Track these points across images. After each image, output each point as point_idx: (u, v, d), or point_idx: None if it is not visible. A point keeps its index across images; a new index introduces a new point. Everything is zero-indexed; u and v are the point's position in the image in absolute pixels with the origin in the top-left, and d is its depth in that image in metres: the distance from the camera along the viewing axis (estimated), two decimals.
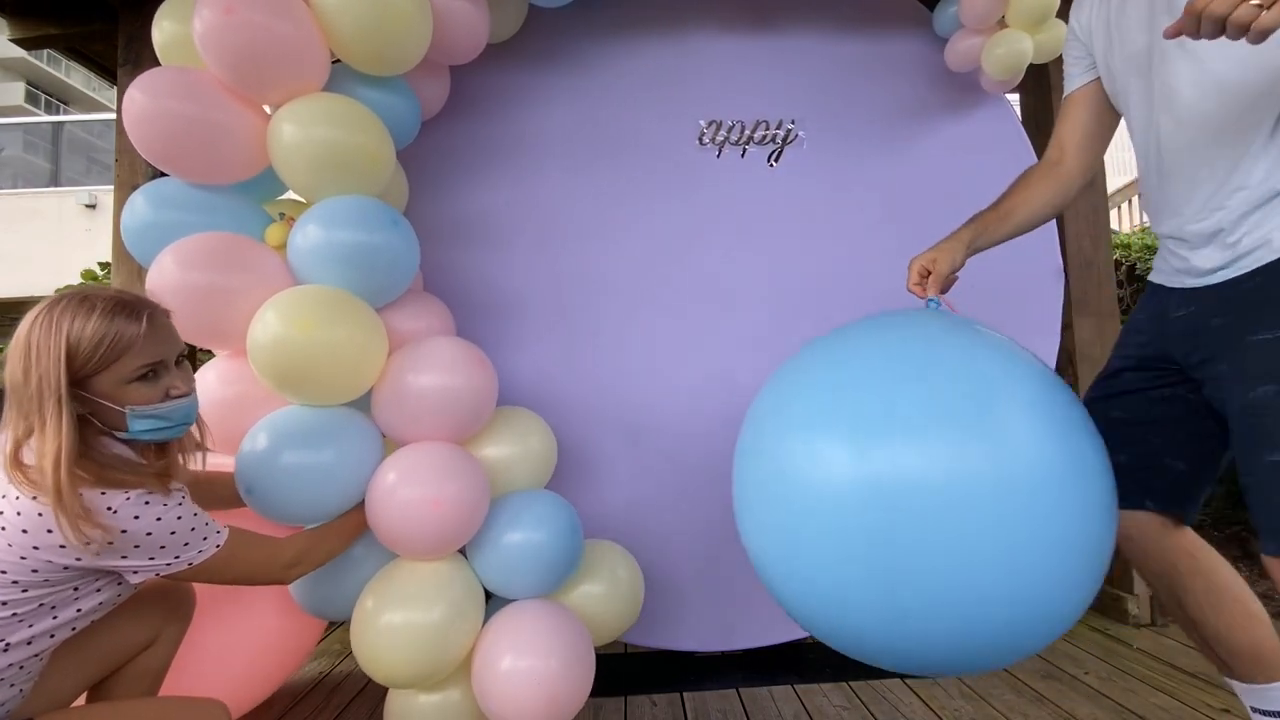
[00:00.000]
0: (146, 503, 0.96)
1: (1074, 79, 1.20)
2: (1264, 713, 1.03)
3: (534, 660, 1.32)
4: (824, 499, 0.92)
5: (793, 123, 2.04)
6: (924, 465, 0.87)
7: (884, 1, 2.07)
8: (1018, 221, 1.23)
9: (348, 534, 1.35)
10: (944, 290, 1.20)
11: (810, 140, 2.05)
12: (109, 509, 0.93)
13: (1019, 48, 1.83)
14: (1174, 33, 0.79)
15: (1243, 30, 0.72)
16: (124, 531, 0.94)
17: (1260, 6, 0.71)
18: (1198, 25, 0.75)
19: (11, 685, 0.96)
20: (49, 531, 0.90)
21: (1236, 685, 1.08)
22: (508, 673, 1.32)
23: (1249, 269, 0.95)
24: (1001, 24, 1.87)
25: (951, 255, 1.19)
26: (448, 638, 1.34)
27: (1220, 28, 0.74)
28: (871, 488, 0.88)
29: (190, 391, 1.08)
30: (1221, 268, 0.98)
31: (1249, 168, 0.94)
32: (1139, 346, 1.15)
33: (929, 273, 1.19)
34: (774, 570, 1.04)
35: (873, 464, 0.89)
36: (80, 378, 0.96)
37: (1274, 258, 0.92)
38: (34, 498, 0.91)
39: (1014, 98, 2.39)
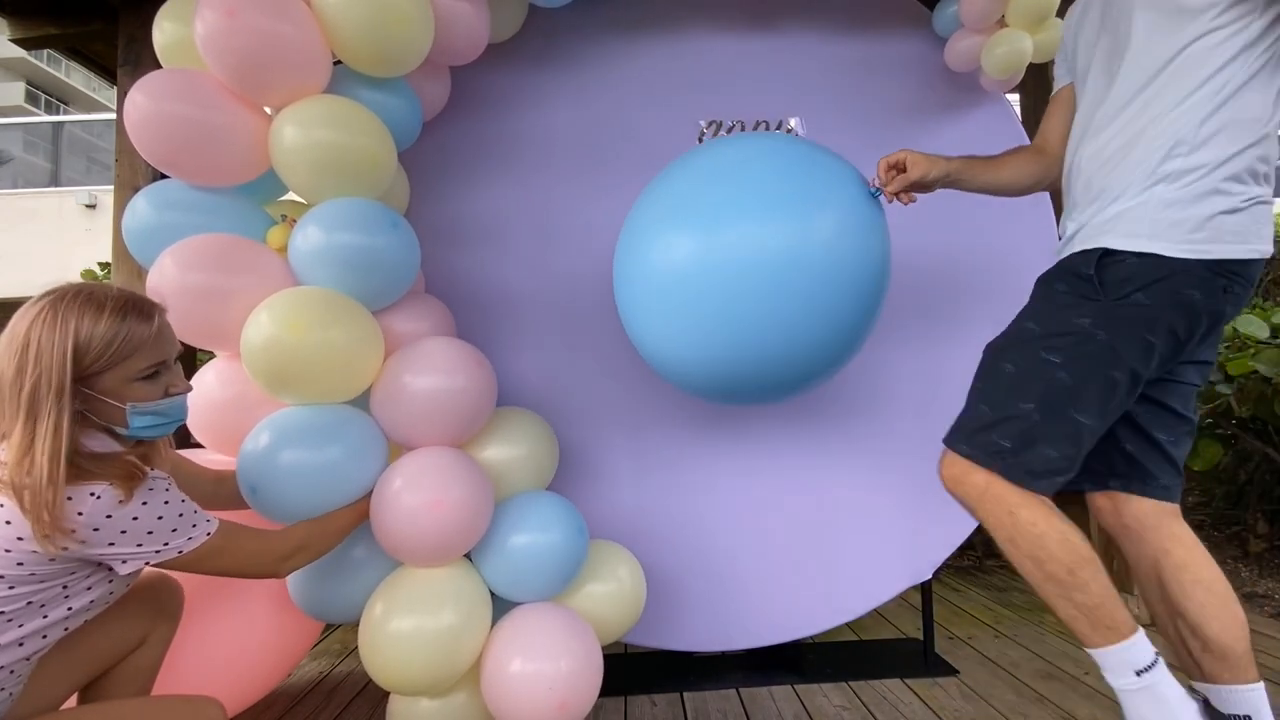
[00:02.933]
0: (121, 499, 0.94)
1: (1058, 79, 1.32)
2: (1224, 716, 1.06)
3: (544, 663, 1.32)
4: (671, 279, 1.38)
5: (793, 123, 2.04)
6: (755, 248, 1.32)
7: (884, 1, 2.07)
8: (1002, 178, 1.35)
9: (344, 528, 1.34)
10: (904, 196, 1.36)
11: (810, 140, 2.05)
12: (78, 513, 0.91)
13: (1019, 47, 1.83)
14: None
15: None
16: (96, 530, 0.93)
17: None
18: None
19: (0, 689, 0.95)
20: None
21: (1200, 687, 1.11)
22: (518, 676, 1.32)
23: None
24: (1001, 23, 1.87)
25: (927, 166, 1.31)
26: (458, 644, 1.34)
27: None
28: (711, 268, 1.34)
29: (188, 389, 1.09)
30: None
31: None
32: None
33: (901, 170, 1.33)
34: (644, 336, 1.52)
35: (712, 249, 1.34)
36: (86, 375, 0.96)
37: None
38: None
39: (1014, 98, 2.39)
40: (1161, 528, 1.15)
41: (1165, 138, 1.00)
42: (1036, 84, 2.26)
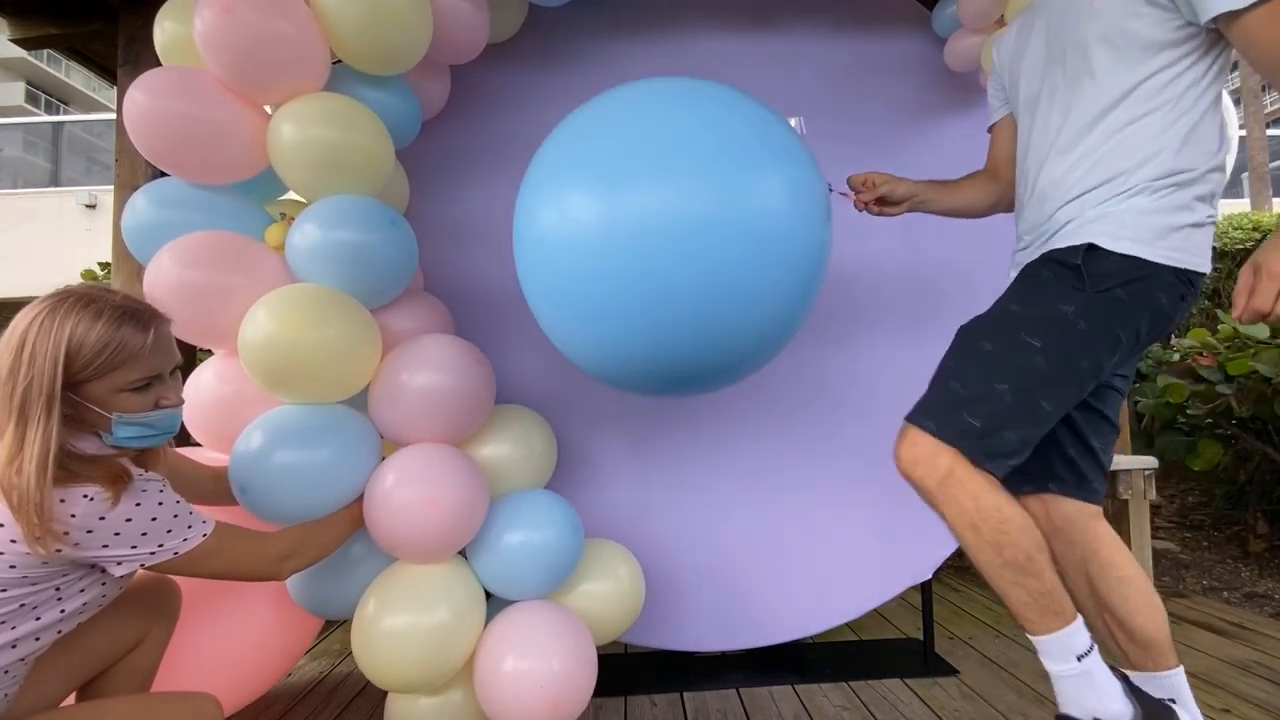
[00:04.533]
0: (115, 500, 0.94)
1: (995, 111, 1.39)
2: (1151, 699, 1.11)
3: (536, 661, 1.32)
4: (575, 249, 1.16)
5: (792, 123, 2.03)
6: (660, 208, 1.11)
7: (883, 1, 2.07)
8: (962, 202, 1.43)
9: (342, 529, 1.33)
10: (873, 205, 1.44)
11: (809, 140, 2.04)
12: (71, 515, 0.91)
13: None
14: (1244, 319, 0.96)
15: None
16: (89, 532, 0.92)
17: None
18: (1260, 319, 0.93)
19: None
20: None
21: (1130, 675, 1.15)
22: (511, 674, 1.32)
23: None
24: (1000, 23, 1.87)
25: (895, 185, 1.41)
26: (451, 641, 1.34)
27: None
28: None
29: (180, 402, 1.08)
30: None
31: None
32: None
33: (871, 185, 1.42)
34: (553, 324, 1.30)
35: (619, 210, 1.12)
36: (75, 382, 0.95)
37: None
38: None
39: None
40: (1089, 529, 1.20)
41: (1142, 153, 1.05)
42: None
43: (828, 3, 2.06)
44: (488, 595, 1.47)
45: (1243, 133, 8.58)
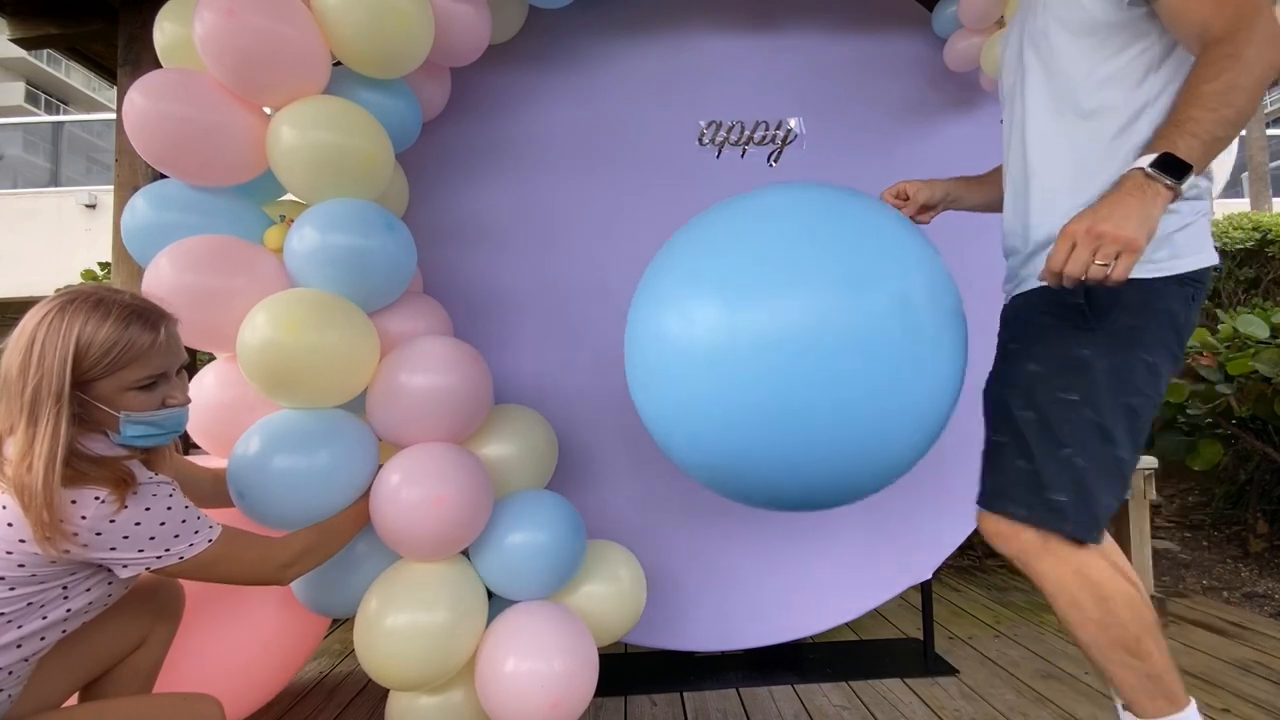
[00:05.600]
0: (125, 503, 0.94)
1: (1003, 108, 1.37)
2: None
3: (537, 662, 1.32)
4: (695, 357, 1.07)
5: (793, 122, 2.04)
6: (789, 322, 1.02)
7: (883, 1, 2.07)
8: (991, 196, 1.37)
9: (348, 532, 1.34)
10: (921, 216, 1.39)
11: (810, 140, 2.05)
12: (81, 516, 0.91)
13: None
14: (1046, 280, 0.92)
15: (1102, 282, 0.87)
16: (98, 534, 0.93)
17: (1105, 266, 0.85)
18: (1059, 280, 0.90)
19: (0, 690, 0.95)
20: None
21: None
22: (512, 675, 1.32)
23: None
24: (1000, 23, 1.87)
25: (931, 190, 1.37)
26: (452, 640, 1.34)
27: (1080, 282, 0.88)
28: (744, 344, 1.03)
29: (187, 401, 1.09)
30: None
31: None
32: None
33: (906, 196, 1.37)
34: (668, 434, 1.19)
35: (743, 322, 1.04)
36: (83, 380, 0.95)
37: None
38: (4, 491, 0.90)
39: None
40: None
41: (1107, 159, 1.02)
42: None
43: (827, 2, 2.06)
44: (490, 595, 1.48)
45: (1243, 132, 8.58)
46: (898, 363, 1.03)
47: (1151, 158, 0.87)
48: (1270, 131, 9.24)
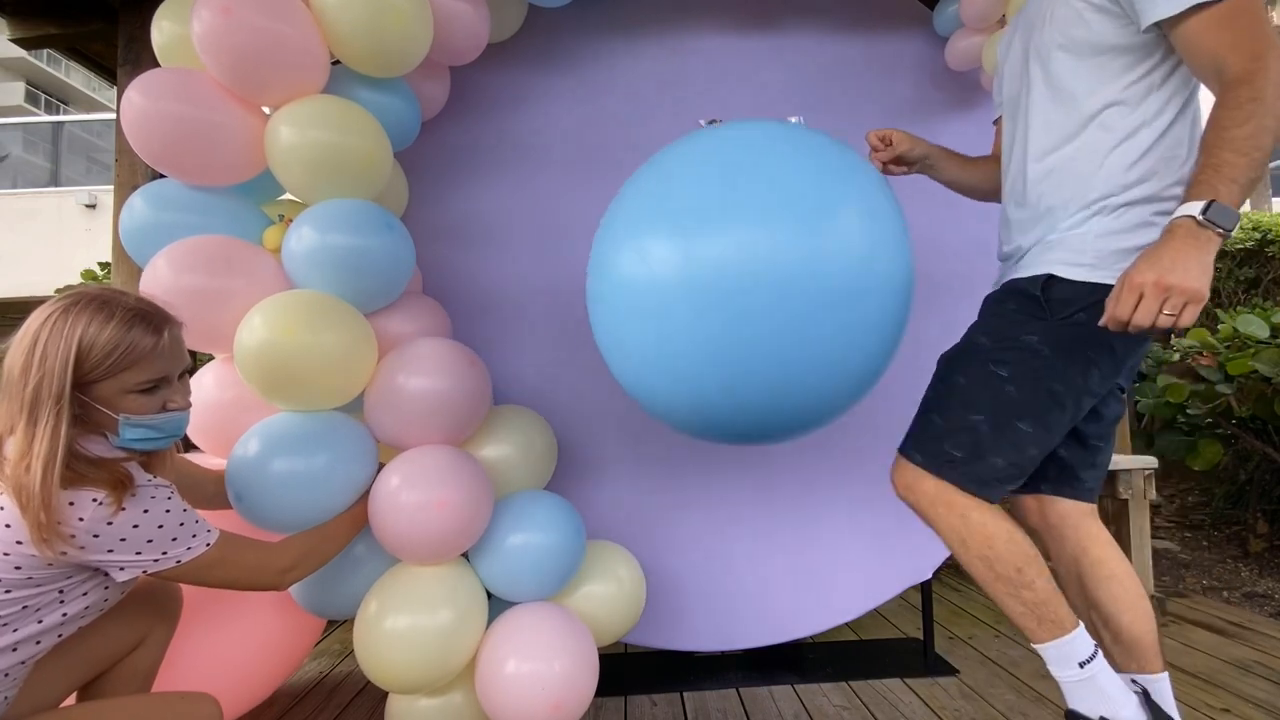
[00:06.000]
0: (122, 505, 0.94)
1: (996, 107, 1.38)
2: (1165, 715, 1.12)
3: (538, 664, 1.32)
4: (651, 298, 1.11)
5: (793, 121, 2.03)
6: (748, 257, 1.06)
7: (883, 1, 2.07)
8: (970, 177, 1.42)
9: (345, 537, 1.34)
10: (893, 166, 1.41)
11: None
12: (79, 519, 0.91)
13: None
14: (1110, 325, 0.94)
15: (1168, 331, 0.90)
16: (96, 536, 0.92)
17: (1173, 315, 0.87)
18: (1123, 327, 0.92)
19: None
20: None
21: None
22: (512, 676, 1.32)
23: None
24: (1002, 23, 1.87)
25: (913, 144, 1.39)
26: (453, 643, 1.34)
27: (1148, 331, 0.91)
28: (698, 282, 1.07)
29: (187, 406, 1.08)
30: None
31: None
32: None
33: (889, 143, 1.39)
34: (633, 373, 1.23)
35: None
36: (84, 382, 0.95)
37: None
38: (1, 493, 0.90)
39: None
40: (1081, 526, 1.21)
41: (1102, 175, 1.06)
42: None
43: (828, 2, 2.06)
44: (489, 596, 1.47)
45: None
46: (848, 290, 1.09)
47: (1201, 205, 0.88)
48: None
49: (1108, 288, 1.02)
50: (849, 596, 1.92)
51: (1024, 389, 1.06)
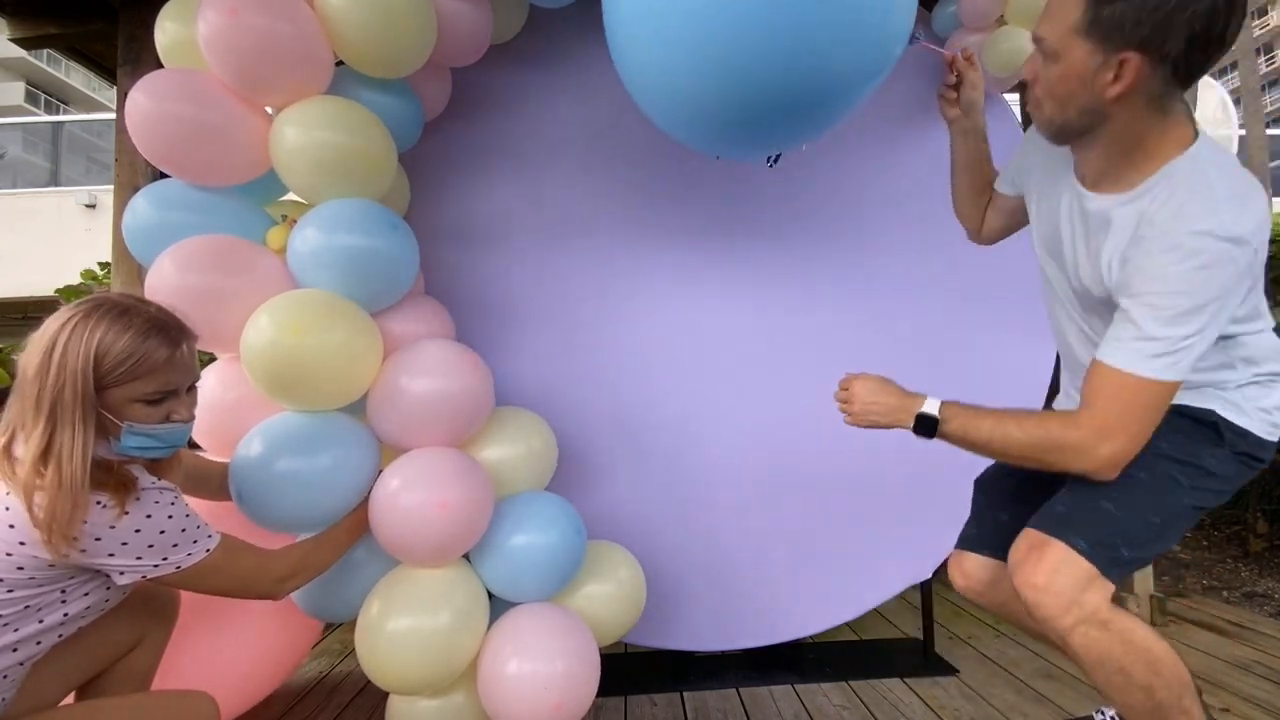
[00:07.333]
0: (125, 509, 0.94)
1: (1002, 183, 1.38)
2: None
3: (540, 664, 1.32)
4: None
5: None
6: None
7: None
8: (974, 174, 1.45)
9: (344, 544, 1.34)
10: (947, 86, 1.46)
11: (809, 141, 2.04)
12: (83, 521, 0.91)
13: (1018, 45, 1.83)
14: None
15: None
16: (98, 539, 0.93)
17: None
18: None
19: None
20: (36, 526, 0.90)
21: None
22: (514, 677, 1.32)
23: None
24: (1000, 22, 1.87)
25: (976, 94, 1.43)
26: (455, 644, 1.34)
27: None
28: None
29: (190, 419, 1.09)
30: None
31: None
32: None
33: (971, 64, 1.41)
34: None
35: None
36: (97, 387, 0.96)
37: None
38: (7, 493, 0.90)
39: (1012, 98, 2.39)
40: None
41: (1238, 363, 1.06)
42: None
43: None
44: (490, 597, 1.47)
45: (1242, 132, 8.57)
46: None
47: (938, 405, 1.10)
48: (1270, 131, 9.24)
49: (1256, 438, 1.06)
50: (849, 596, 1.92)
51: (1192, 505, 1.06)
